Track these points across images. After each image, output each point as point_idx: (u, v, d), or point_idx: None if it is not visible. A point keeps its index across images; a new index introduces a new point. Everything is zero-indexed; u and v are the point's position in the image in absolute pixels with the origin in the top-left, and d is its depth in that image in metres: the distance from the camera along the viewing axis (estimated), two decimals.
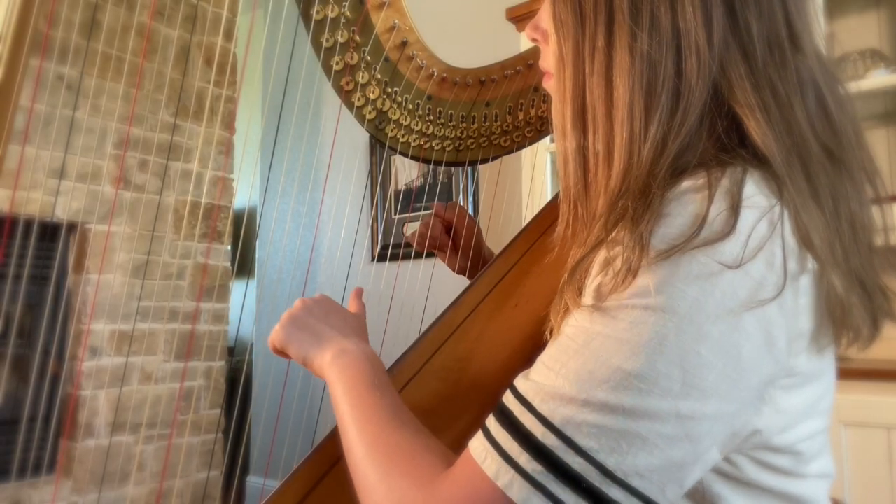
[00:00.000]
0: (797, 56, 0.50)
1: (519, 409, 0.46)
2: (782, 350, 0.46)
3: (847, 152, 0.52)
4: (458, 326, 0.80)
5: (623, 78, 0.49)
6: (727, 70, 0.48)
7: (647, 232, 0.45)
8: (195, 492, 2.79)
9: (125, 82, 2.61)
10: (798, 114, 0.49)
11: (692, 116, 0.48)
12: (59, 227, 2.46)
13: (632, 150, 0.48)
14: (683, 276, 0.43)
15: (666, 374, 0.43)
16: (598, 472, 0.42)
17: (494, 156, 0.96)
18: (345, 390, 0.61)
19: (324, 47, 0.85)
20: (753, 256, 0.44)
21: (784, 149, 0.48)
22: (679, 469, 0.44)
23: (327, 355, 0.65)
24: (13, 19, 0.75)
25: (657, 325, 0.43)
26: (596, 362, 0.44)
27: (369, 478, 0.52)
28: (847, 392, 1.43)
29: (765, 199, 0.46)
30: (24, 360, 2.46)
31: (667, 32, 0.48)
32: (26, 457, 2.38)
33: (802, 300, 0.47)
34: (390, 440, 0.54)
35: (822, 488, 0.55)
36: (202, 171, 2.89)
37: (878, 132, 1.79)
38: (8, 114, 0.76)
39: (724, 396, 0.44)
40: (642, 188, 0.47)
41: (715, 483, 0.49)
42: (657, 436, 0.43)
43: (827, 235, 0.48)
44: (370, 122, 0.90)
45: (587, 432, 0.43)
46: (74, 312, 2.51)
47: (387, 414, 0.57)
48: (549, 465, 0.43)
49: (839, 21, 1.82)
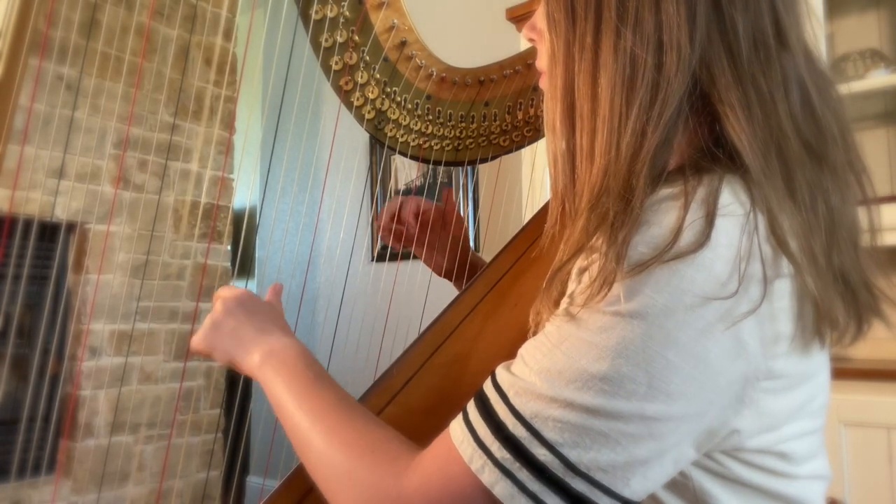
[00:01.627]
0: (783, 53, 0.51)
1: (495, 397, 0.48)
2: (754, 353, 0.46)
3: (831, 149, 0.52)
4: (457, 326, 0.80)
5: (607, 75, 0.50)
6: (710, 65, 0.49)
7: (623, 242, 0.45)
8: (195, 492, 2.79)
9: (125, 82, 2.61)
10: (780, 110, 0.49)
11: (670, 108, 0.48)
12: (59, 227, 2.46)
13: (611, 143, 0.49)
14: (654, 284, 0.44)
15: (631, 377, 0.44)
16: (561, 465, 0.44)
17: (494, 155, 0.96)
18: (286, 388, 0.61)
19: (323, 47, 0.85)
20: (727, 266, 0.45)
21: (761, 146, 0.48)
22: (643, 465, 0.45)
23: (255, 357, 0.65)
24: (12, 19, 0.75)
25: (625, 331, 0.45)
26: (565, 363, 0.46)
27: (335, 472, 0.53)
28: (847, 392, 1.43)
29: (740, 206, 0.47)
30: (24, 359, 2.46)
31: (649, 28, 0.49)
32: (26, 457, 2.38)
33: (779, 303, 0.47)
34: (349, 432, 0.55)
35: (817, 490, 0.55)
36: (202, 170, 2.89)
37: (878, 132, 1.79)
38: (7, 113, 0.76)
39: (691, 398, 0.45)
40: (622, 187, 0.48)
41: (705, 481, 0.50)
42: (620, 434, 0.44)
43: (805, 234, 0.48)
44: (369, 121, 0.90)
45: (553, 426, 0.45)
46: (74, 312, 2.51)
47: (337, 406, 0.58)
48: (518, 455, 0.45)
49: (839, 21, 1.82)
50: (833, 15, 1.75)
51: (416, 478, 0.50)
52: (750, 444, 0.49)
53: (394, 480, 0.50)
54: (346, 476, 0.53)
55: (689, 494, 0.50)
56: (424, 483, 0.49)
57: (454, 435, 0.49)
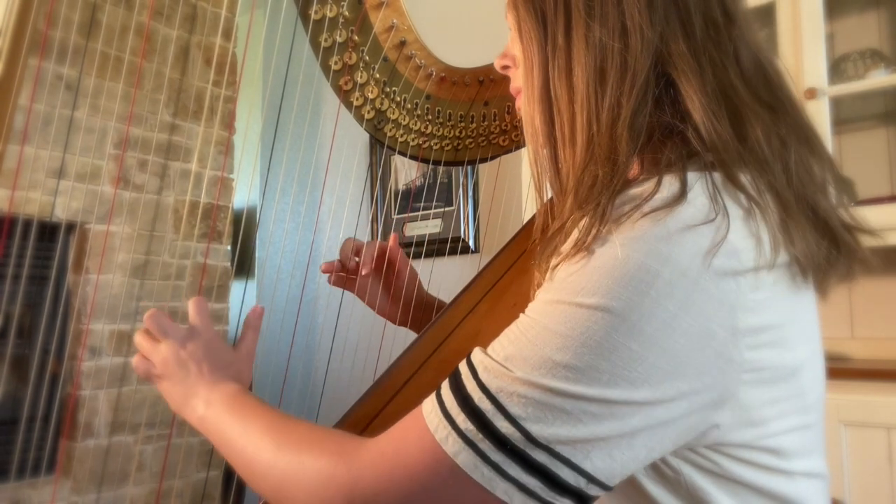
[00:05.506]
0: (731, 26, 0.56)
1: (466, 373, 0.51)
2: (725, 342, 0.47)
3: (785, 104, 0.57)
4: (456, 326, 0.80)
5: (580, 65, 0.55)
6: (668, 43, 0.54)
7: (609, 199, 0.49)
8: (195, 492, 2.79)
9: (125, 82, 2.61)
10: (730, 72, 0.55)
11: (639, 80, 0.53)
12: (59, 227, 2.46)
13: (590, 121, 0.54)
14: (620, 277, 0.46)
15: (594, 366, 0.46)
16: (522, 437, 0.46)
17: (493, 155, 0.96)
18: (230, 420, 0.63)
19: (322, 47, 0.85)
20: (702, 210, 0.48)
21: (709, 101, 0.53)
22: (605, 442, 0.46)
23: (199, 409, 0.67)
24: (12, 19, 0.75)
25: (589, 322, 0.47)
26: (532, 350, 0.48)
27: (285, 473, 0.55)
28: (847, 392, 1.43)
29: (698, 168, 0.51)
30: (24, 359, 2.46)
31: (614, 18, 0.54)
32: (26, 457, 2.38)
33: (761, 295, 0.48)
34: (294, 435, 0.57)
35: (814, 489, 0.55)
36: (202, 170, 2.89)
37: (878, 132, 1.79)
38: (7, 113, 0.76)
39: (656, 385, 0.46)
40: (608, 150, 0.52)
41: (696, 477, 0.50)
42: (582, 412, 0.46)
43: (761, 170, 0.52)
44: (369, 121, 0.90)
45: (517, 402, 0.47)
46: (74, 312, 2.51)
47: (279, 419, 0.61)
48: (481, 426, 0.47)
49: (839, 21, 1.81)
50: (833, 15, 1.75)
51: (368, 456, 0.51)
52: (732, 439, 0.50)
53: (344, 464, 0.52)
54: (294, 474, 0.54)
55: (682, 491, 0.51)
56: (378, 458, 0.51)
57: (424, 408, 0.51)
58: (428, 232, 2.72)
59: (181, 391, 0.69)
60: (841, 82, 1.68)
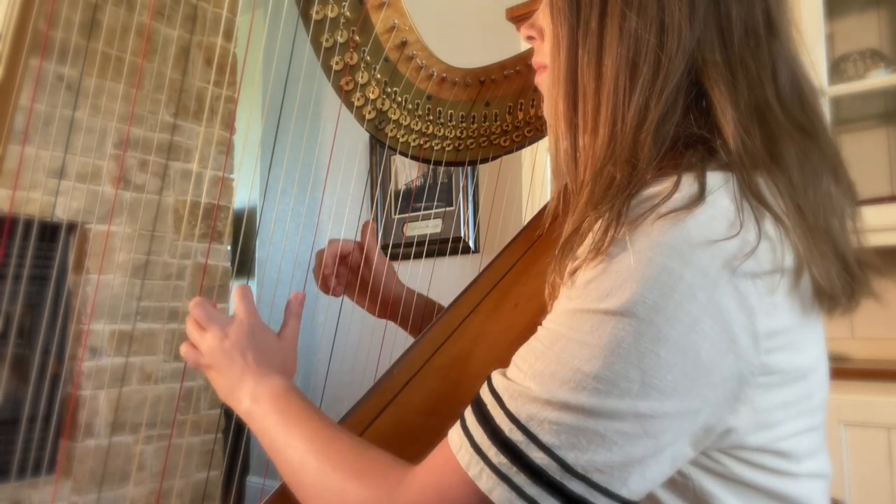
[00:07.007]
0: (773, 41, 0.54)
1: (492, 402, 0.49)
2: (746, 347, 0.46)
3: (818, 130, 0.55)
4: (458, 326, 0.80)
5: (611, 55, 0.53)
6: (703, 49, 0.52)
7: (625, 202, 0.48)
8: (195, 492, 2.79)
9: (125, 82, 2.61)
10: (766, 89, 0.53)
11: (670, 85, 0.51)
12: (59, 227, 2.46)
13: (616, 117, 0.52)
14: (643, 280, 0.45)
15: (624, 375, 0.45)
16: (558, 467, 0.45)
17: (494, 156, 0.96)
18: (275, 423, 0.62)
19: (323, 47, 0.85)
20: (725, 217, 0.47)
21: (742, 117, 0.51)
22: (640, 464, 0.45)
23: (245, 403, 0.66)
24: (13, 19, 0.75)
25: (616, 329, 0.45)
26: (558, 364, 0.47)
27: (328, 494, 0.54)
28: (847, 392, 1.43)
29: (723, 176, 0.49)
30: (24, 360, 2.46)
31: (653, 12, 0.52)
32: (26, 457, 2.38)
33: (776, 298, 0.48)
34: (340, 455, 0.56)
35: (818, 489, 0.55)
36: (202, 171, 2.89)
37: (878, 132, 1.79)
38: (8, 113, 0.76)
39: (684, 395, 0.45)
40: (629, 154, 0.51)
41: (704, 481, 0.50)
42: (616, 433, 0.45)
43: (789, 193, 0.51)
44: (370, 121, 0.90)
45: (549, 429, 0.45)
46: (74, 312, 2.51)
47: (325, 428, 0.60)
48: (514, 459, 0.46)
49: (839, 21, 1.82)
50: (833, 15, 1.75)
51: (409, 492, 0.50)
52: (747, 442, 0.49)
53: (386, 497, 0.51)
54: (338, 499, 0.54)
55: (689, 494, 0.50)
56: (419, 494, 0.49)
57: (452, 442, 0.50)
58: (428, 232, 2.72)
59: (227, 382, 0.68)
60: (841, 82, 1.69)
